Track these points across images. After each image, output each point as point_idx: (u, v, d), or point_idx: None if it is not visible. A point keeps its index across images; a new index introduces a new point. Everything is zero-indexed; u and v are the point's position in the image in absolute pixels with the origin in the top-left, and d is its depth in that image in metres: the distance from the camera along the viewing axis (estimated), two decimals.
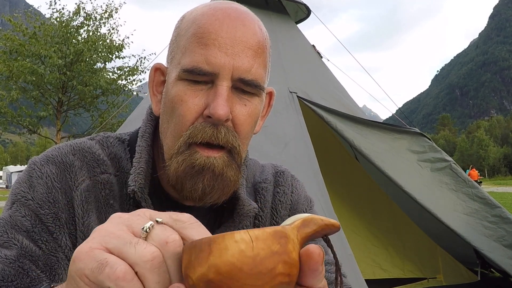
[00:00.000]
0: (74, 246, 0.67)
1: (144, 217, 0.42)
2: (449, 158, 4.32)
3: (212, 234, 0.77)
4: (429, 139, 4.39)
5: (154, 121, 0.78)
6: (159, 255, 0.39)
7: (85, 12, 12.15)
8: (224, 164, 0.67)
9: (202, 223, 0.77)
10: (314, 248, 0.39)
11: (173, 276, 0.39)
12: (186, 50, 0.67)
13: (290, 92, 4.02)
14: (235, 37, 0.66)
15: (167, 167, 0.69)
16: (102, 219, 0.70)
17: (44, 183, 0.68)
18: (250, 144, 0.76)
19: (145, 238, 0.40)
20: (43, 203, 0.67)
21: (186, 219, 0.42)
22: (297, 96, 4.02)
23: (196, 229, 0.42)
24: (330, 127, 4.20)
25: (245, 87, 0.67)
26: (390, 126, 4.38)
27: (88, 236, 0.66)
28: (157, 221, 0.41)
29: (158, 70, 0.76)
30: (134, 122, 4.29)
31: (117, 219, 0.42)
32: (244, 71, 0.66)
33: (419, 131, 4.43)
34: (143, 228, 0.40)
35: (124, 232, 0.40)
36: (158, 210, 0.72)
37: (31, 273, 0.63)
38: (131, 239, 0.39)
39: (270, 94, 0.80)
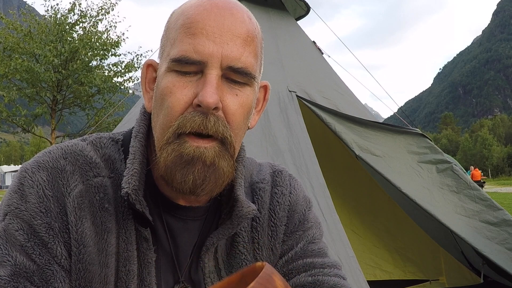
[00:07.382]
0: (69, 254, 0.66)
1: None
2: (451, 160, 4.27)
3: (209, 236, 0.76)
4: (430, 140, 4.34)
5: (147, 120, 0.76)
6: None
7: (80, 10, 12.05)
8: (216, 155, 0.65)
9: (199, 225, 0.77)
10: None
11: None
12: (175, 41, 0.67)
13: (289, 91, 3.94)
14: (223, 25, 0.65)
15: (157, 158, 0.67)
16: (97, 224, 0.68)
17: (35, 192, 0.66)
18: (250, 143, 0.70)
19: None
20: (35, 213, 0.65)
21: None
22: (297, 96, 3.94)
23: None
24: (329, 128, 4.13)
25: (235, 76, 0.66)
26: (390, 126, 4.31)
27: (82, 243, 0.66)
28: None
29: (150, 66, 0.75)
30: (131, 121, 4.23)
31: None
32: (233, 59, 0.65)
33: (420, 132, 4.36)
34: None
35: None
36: (154, 212, 0.73)
37: None
38: None
39: (265, 88, 0.78)
